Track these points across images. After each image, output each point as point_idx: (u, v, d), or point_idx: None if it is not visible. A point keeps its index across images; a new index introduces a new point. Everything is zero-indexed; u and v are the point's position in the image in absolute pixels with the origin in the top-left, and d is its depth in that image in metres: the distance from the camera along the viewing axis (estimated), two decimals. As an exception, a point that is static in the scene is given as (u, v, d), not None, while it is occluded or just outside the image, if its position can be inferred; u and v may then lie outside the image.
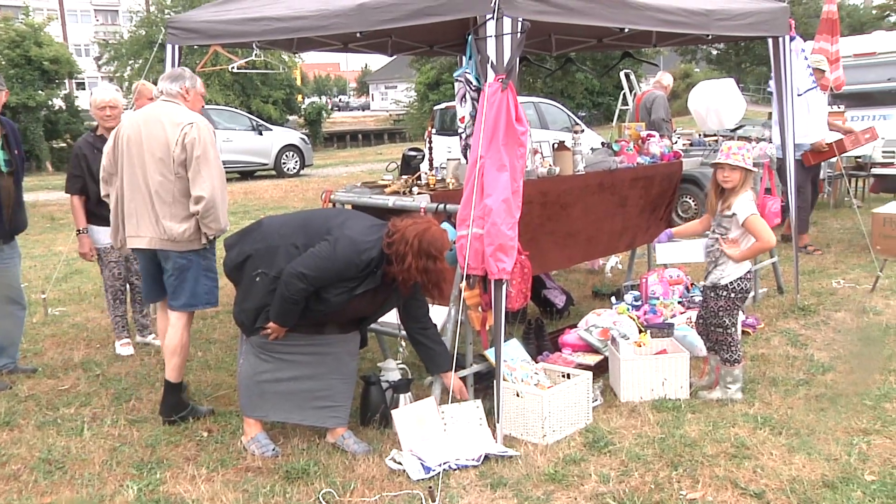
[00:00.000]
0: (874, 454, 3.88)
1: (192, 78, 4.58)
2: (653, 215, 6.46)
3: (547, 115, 16.03)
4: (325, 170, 22.37)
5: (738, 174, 4.54)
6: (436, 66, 35.96)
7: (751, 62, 45.34)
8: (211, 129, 4.43)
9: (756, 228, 4.53)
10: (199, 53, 23.08)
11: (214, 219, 4.34)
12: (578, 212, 5.63)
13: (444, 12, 4.13)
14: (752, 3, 6.10)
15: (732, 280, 4.61)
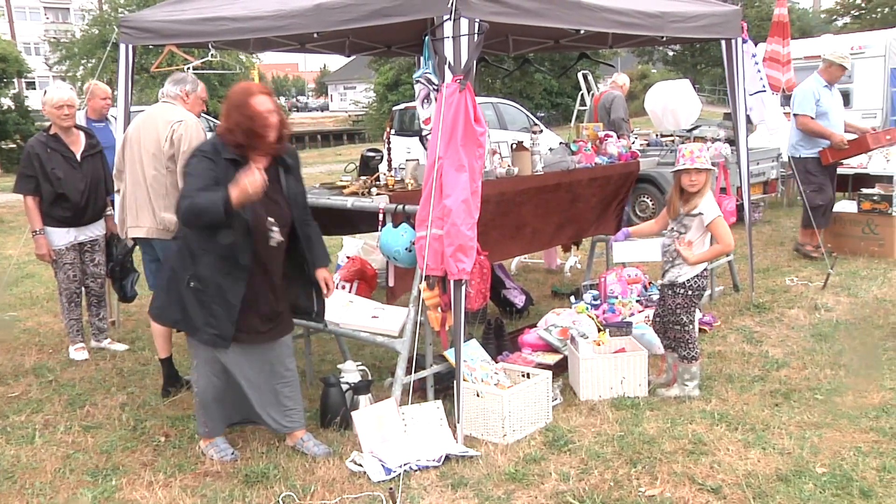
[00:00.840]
0: (825, 447, 3.96)
1: (194, 83, 4.92)
2: (604, 211, 6.54)
3: (506, 116, 16.10)
4: (283, 171, 22.16)
5: (703, 176, 4.62)
6: (394, 67, 35.94)
7: (706, 63, 46.01)
8: (201, 128, 4.74)
9: (720, 231, 4.61)
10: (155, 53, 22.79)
11: None
12: (532, 208, 5.68)
13: (401, 13, 4.12)
14: (705, 5, 6.19)
15: (689, 278, 4.67)
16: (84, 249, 5.70)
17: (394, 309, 4.57)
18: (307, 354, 5.18)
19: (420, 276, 4.11)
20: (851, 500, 3.46)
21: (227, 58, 13.42)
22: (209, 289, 3.77)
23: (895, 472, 3.67)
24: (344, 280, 5.65)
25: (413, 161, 5.20)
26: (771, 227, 10.25)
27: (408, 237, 4.27)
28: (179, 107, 4.82)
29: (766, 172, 10.72)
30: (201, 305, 3.78)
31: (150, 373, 5.40)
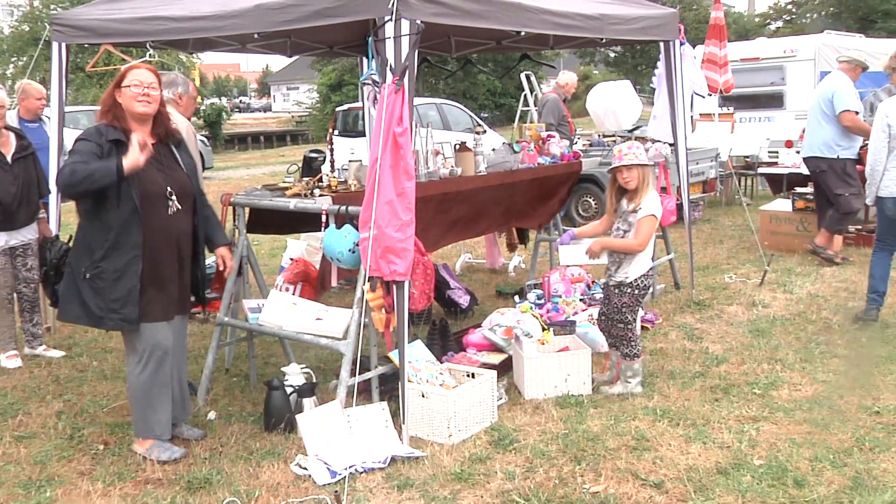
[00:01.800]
0: (762, 440, 4.06)
1: (185, 83, 4.90)
2: (541, 205, 6.62)
3: (449, 116, 16.14)
4: (225, 172, 21.90)
5: (635, 172, 4.66)
6: (337, 68, 35.70)
7: (646, 65, 46.73)
8: (191, 131, 4.71)
9: (641, 227, 4.65)
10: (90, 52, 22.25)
11: None
12: (474, 206, 5.71)
13: (342, 14, 4.10)
14: (644, 8, 6.29)
15: (636, 277, 4.74)
16: (16, 254, 5.54)
17: (338, 311, 4.54)
18: (250, 357, 5.12)
19: (363, 276, 4.09)
20: (786, 490, 3.55)
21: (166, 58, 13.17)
22: (106, 274, 3.81)
23: (826, 462, 3.79)
24: (287, 282, 5.58)
25: (356, 162, 5.18)
26: (710, 225, 10.47)
27: (351, 238, 4.24)
28: (171, 109, 4.64)
29: (705, 172, 10.95)
30: (99, 294, 3.82)
31: (88, 379, 5.28)
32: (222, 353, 5.33)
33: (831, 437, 4.06)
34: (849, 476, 3.65)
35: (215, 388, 5.00)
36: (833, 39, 14.90)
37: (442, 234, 5.76)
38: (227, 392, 5.00)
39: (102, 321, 3.88)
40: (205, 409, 4.67)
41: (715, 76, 9.71)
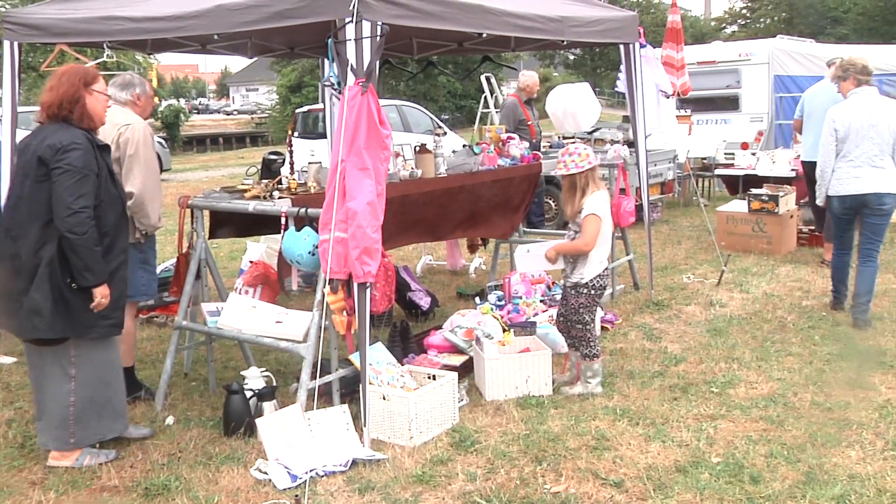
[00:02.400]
0: (720, 437, 4.12)
1: (142, 84, 4.85)
2: (507, 212, 6.62)
3: (410, 118, 16.12)
4: (184, 174, 21.65)
5: (569, 180, 4.75)
6: (297, 69, 35.49)
7: (605, 67, 47.20)
8: (148, 132, 4.64)
9: (586, 228, 4.70)
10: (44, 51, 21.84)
11: (144, 215, 4.53)
12: (435, 209, 5.71)
13: (302, 15, 4.07)
14: (604, 10, 6.34)
15: (591, 278, 4.78)
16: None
17: (298, 313, 4.51)
18: (209, 361, 5.07)
19: (324, 279, 4.07)
20: (742, 487, 3.60)
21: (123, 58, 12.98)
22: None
23: (781, 458, 3.85)
24: (247, 285, 5.53)
25: (316, 164, 5.15)
26: (668, 226, 10.59)
27: (311, 241, 4.22)
28: (129, 111, 4.72)
29: (663, 174, 11.08)
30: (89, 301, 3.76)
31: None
32: (181, 357, 5.27)
33: (786, 434, 4.14)
34: (802, 471, 3.72)
35: (174, 393, 4.94)
36: (786, 44, 15.19)
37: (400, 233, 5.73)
38: (186, 396, 4.94)
39: (91, 330, 3.83)
40: (163, 414, 4.60)
41: (672, 79, 9.83)
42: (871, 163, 5.82)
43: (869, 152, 5.81)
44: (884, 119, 5.80)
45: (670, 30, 9.47)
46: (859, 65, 5.96)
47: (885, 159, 5.82)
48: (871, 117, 5.82)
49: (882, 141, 5.80)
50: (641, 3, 48.49)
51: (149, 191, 4.54)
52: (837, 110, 6.00)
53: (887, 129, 5.80)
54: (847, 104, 6.00)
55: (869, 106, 5.87)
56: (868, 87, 5.97)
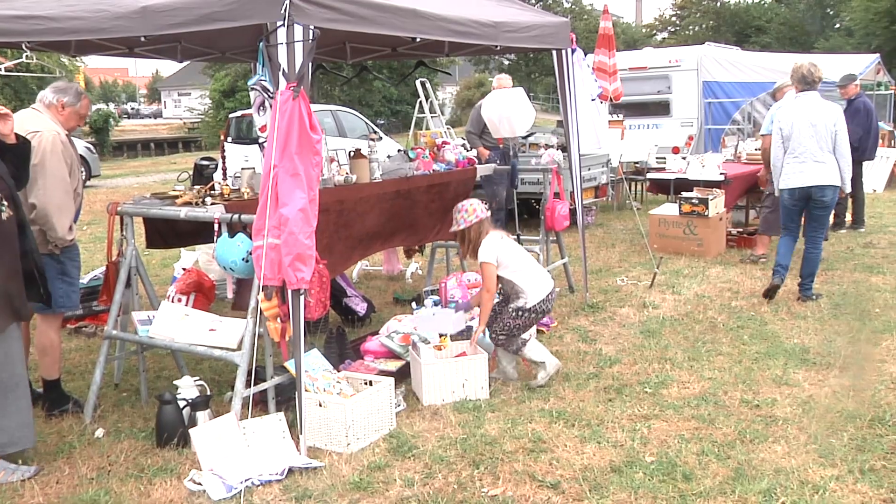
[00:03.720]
0: (653, 437, 4.19)
1: (77, 96, 4.70)
2: (445, 216, 6.61)
3: (345, 123, 16.05)
4: (113, 180, 21.13)
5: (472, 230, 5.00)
6: (230, 73, 35.00)
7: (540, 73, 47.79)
8: (58, 140, 4.48)
9: (483, 274, 5.00)
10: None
11: (50, 227, 4.42)
12: (374, 217, 5.68)
13: (233, 18, 4.01)
14: (537, 16, 6.41)
15: (535, 303, 4.97)
16: None
17: (232, 321, 4.44)
18: (141, 371, 4.94)
19: (258, 286, 4.01)
20: (675, 485, 3.67)
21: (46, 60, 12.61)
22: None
23: (712, 455, 3.94)
24: (180, 293, 5.45)
25: (249, 169, 5.08)
26: (602, 230, 10.75)
27: (244, 247, 4.16)
28: (47, 116, 4.57)
29: (596, 178, 11.24)
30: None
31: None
32: (111, 367, 5.14)
33: (716, 432, 4.23)
34: (732, 467, 3.82)
35: (103, 405, 4.81)
36: (713, 51, 15.60)
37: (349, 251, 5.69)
38: (117, 408, 4.82)
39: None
40: (92, 427, 4.48)
41: (605, 84, 10.00)
42: (814, 158, 6.44)
43: (811, 149, 6.44)
44: (821, 119, 6.41)
45: (602, 36, 9.65)
46: (799, 73, 6.59)
47: (826, 155, 6.43)
48: (810, 117, 6.43)
49: (821, 138, 6.41)
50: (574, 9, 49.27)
51: (54, 203, 4.41)
52: (782, 112, 6.72)
53: (825, 128, 6.40)
54: (790, 106, 6.68)
55: (810, 108, 6.48)
56: (811, 90, 6.57)
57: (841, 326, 5.99)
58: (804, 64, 6.62)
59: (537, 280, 5.07)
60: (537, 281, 5.06)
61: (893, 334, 5.75)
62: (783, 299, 6.77)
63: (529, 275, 5.06)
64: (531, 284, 5.02)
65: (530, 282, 5.03)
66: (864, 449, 3.98)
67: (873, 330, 5.86)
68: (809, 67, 6.54)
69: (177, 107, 66.62)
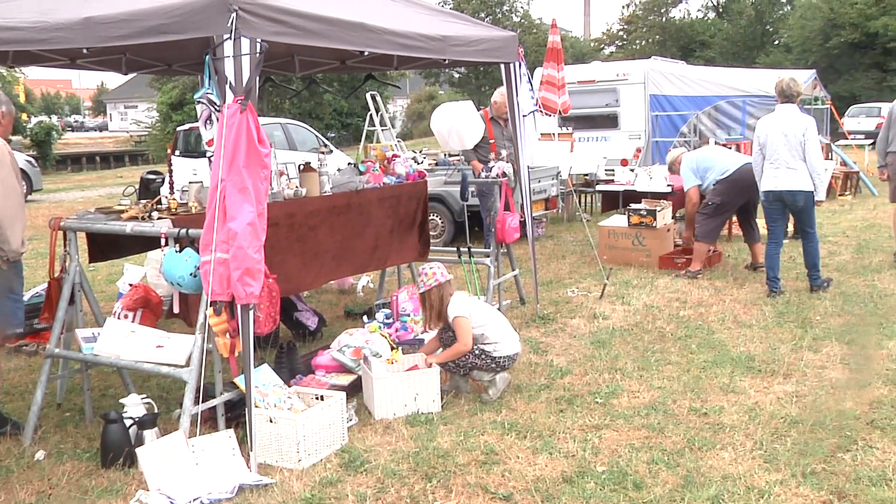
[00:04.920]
0: (604, 447, 4.23)
1: (8, 103, 4.69)
2: (407, 234, 6.61)
3: (295, 136, 15.95)
4: (57, 195, 20.69)
5: (433, 293, 5.01)
6: (178, 86, 34.61)
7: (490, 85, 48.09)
8: (6, 151, 4.44)
9: (459, 330, 4.96)
10: None
11: (3, 240, 4.35)
12: (326, 232, 5.63)
13: (178, 31, 3.97)
14: (485, 30, 6.47)
15: (502, 356, 4.99)
16: None
17: (180, 337, 4.37)
18: (85, 390, 4.84)
19: (206, 301, 3.96)
20: (626, 494, 3.71)
21: (-16, 72, 12.35)
22: None
23: (661, 464, 3.99)
24: (126, 309, 5.32)
25: (197, 183, 5.02)
26: (553, 241, 10.83)
27: (192, 262, 4.11)
28: None
29: (547, 190, 11.34)
30: None
31: None
32: (53, 386, 5.01)
33: (666, 440, 4.29)
34: (681, 475, 3.87)
35: (45, 425, 4.69)
36: (660, 65, 15.87)
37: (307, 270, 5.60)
38: (59, 428, 4.70)
39: None
40: (32, 449, 4.36)
41: (554, 97, 10.10)
42: (787, 164, 7.03)
43: (784, 156, 7.02)
44: (792, 129, 6.99)
45: (551, 49, 9.75)
46: (780, 87, 7.20)
47: (798, 162, 7.00)
48: (783, 127, 7.02)
49: (792, 147, 6.98)
50: (523, 23, 49.75)
51: (7, 215, 4.35)
52: (761, 123, 7.34)
53: (794, 137, 6.97)
54: (769, 117, 7.27)
55: (784, 119, 7.08)
56: (789, 104, 7.15)
57: (784, 334, 6.12)
58: (784, 79, 7.23)
59: (510, 337, 5.11)
60: (509, 338, 5.10)
61: (833, 341, 5.89)
62: (729, 309, 6.90)
63: (502, 331, 5.09)
64: (503, 338, 5.05)
65: (502, 336, 5.06)
66: (806, 453, 4.07)
67: (814, 337, 6.00)
68: (789, 82, 7.16)
69: (123, 119, 65.63)
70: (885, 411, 4.58)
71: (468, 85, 50.06)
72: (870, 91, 33.42)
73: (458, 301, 5.05)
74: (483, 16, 46.64)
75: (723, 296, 7.35)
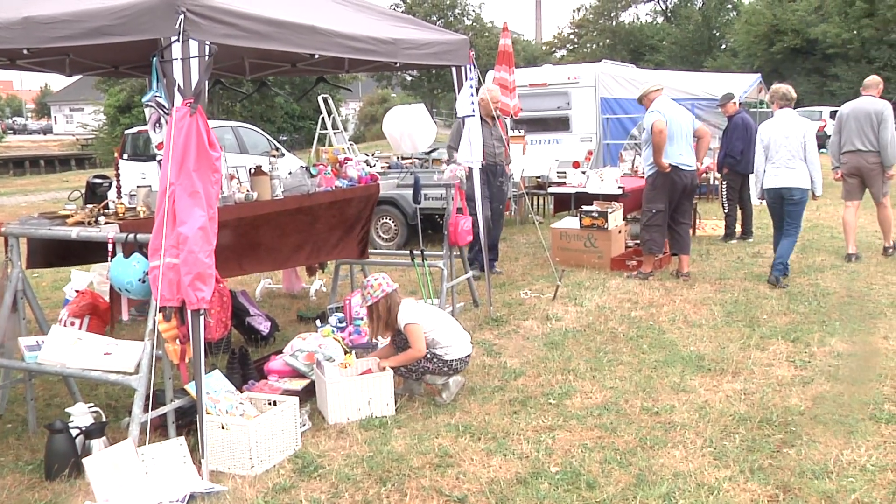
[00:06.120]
0: (558, 447, 4.26)
1: None
2: (347, 234, 6.60)
3: (246, 140, 15.80)
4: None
5: (381, 304, 5.00)
6: (126, 88, 34.03)
7: (442, 88, 48.19)
8: None
9: (411, 336, 4.96)
10: None
11: None
12: (270, 230, 5.61)
13: (123, 32, 3.89)
14: (437, 33, 6.47)
15: (454, 359, 5.00)
16: None
17: (129, 344, 4.29)
18: (29, 400, 4.71)
19: (155, 307, 3.90)
20: (580, 493, 3.74)
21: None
22: None
23: (614, 463, 4.03)
24: (73, 316, 5.21)
25: (145, 187, 4.93)
26: (505, 244, 10.87)
27: (141, 267, 4.03)
28: None
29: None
30: None
31: None
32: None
33: (618, 440, 4.33)
34: (633, 474, 3.91)
35: (-13, 437, 4.57)
36: (610, 68, 16.05)
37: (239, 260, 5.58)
38: (0, 440, 4.58)
39: None
40: (-27, 462, 4.24)
41: (506, 100, 10.17)
42: (787, 164, 7.64)
43: (785, 157, 7.64)
44: (793, 132, 7.63)
45: (502, 53, 9.83)
46: (779, 92, 7.87)
47: (797, 162, 7.62)
48: (785, 130, 7.66)
49: (793, 148, 7.60)
50: (475, 26, 49.96)
51: None
52: (763, 126, 7.93)
53: (796, 140, 7.59)
54: (771, 121, 7.85)
55: (785, 122, 7.72)
56: (788, 108, 7.83)
57: (733, 333, 6.24)
58: (782, 86, 7.95)
59: (460, 339, 5.12)
60: (460, 340, 5.12)
61: (780, 339, 6.02)
62: (679, 309, 7.01)
63: (453, 334, 5.11)
64: (454, 341, 5.06)
65: (453, 339, 5.07)
66: (753, 449, 4.16)
67: (761, 336, 6.13)
68: (787, 89, 7.89)
69: (69, 122, 64.30)
70: (828, 406, 4.70)
71: (420, 88, 50.11)
72: (811, 95, 34.31)
73: (407, 308, 5.06)
74: (435, 19, 46.72)
75: (673, 296, 7.46)
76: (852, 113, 8.74)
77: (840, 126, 8.86)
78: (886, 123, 8.54)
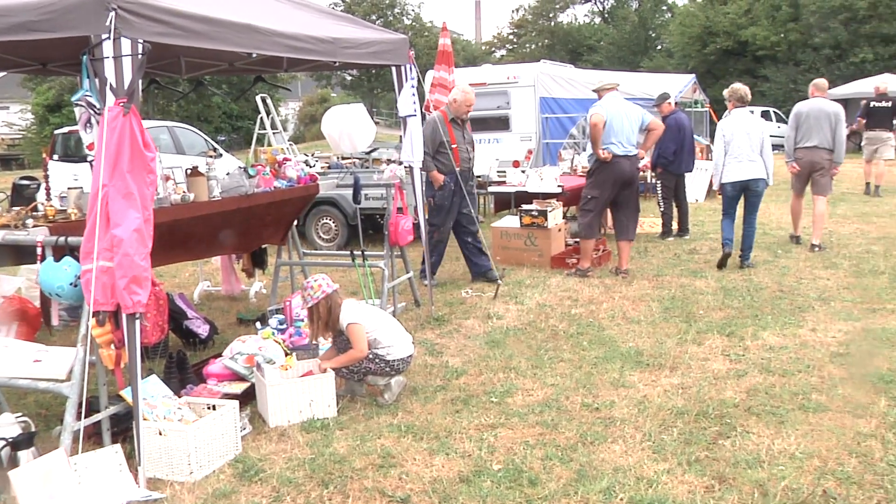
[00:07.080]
0: (500, 445, 4.28)
1: None
2: (278, 229, 6.59)
3: (183, 140, 15.51)
4: (-77, 202, 19.44)
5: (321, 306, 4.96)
6: (55, 87, 33.14)
7: (382, 88, 48.10)
8: None
9: (353, 337, 4.94)
10: None
11: None
12: (206, 230, 5.55)
13: (50, 29, 3.78)
14: (376, 33, 6.45)
15: (396, 359, 4.99)
16: None
17: (60, 350, 4.18)
18: (-45, 410, 4.56)
19: (88, 312, 3.80)
20: (522, 490, 3.77)
21: None
22: None
23: (556, 459, 4.07)
24: (0, 323, 5.07)
25: (76, 189, 4.81)
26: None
27: (72, 271, 3.93)
28: None
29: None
30: None
31: None
32: (-80, 407, 4.70)
33: (559, 436, 4.38)
34: (574, 469, 3.96)
35: None
36: (549, 68, 16.19)
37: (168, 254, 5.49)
38: (-73, 452, 4.41)
39: None
40: None
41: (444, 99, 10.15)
42: (749, 157, 8.28)
43: (746, 151, 8.27)
44: (753, 130, 8.31)
45: (442, 52, 9.82)
46: (738, 94, 8.51)
47: (756, 155, 8.29)
48: (746, 128, 8.31)
49: (753, 143, 8.26)
50: (415, 25, 49.97)
51: None
52: (724, 123, 8.58)
53: (757, 136, 8.28)
54: (731, 119, 8.47)
55: (745, 120, 8.40)
56: (743, 107, 8.49)
57: (670, 329, 6.36)
58: (741, 88, 8.58)
59: (402, 340, 5.11)
60: (402, 340, 5.11)
61: (715, 334, 6.15)
62: (618, 306, 7.11)
63: (395, 334, 5.09)
64: (396, 341, 5.05)
65: (395, 339, 5.06)
66: (690, 442, 4.24)
67: (698, 331, 6.25)
68: (745, 91, 8.55)
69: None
70: (761, 398, 4.82)
71: (360, 88, 49.94)
72: (743, 95, 35.07)
73: (349, 308, 5.03)
74: (374, 18, 46.59)
75: (612, 293, 7.57)
76: (812, 112, 9.29)
77: (798, 123, 9.38)
78: (841, 124, 9.26)
